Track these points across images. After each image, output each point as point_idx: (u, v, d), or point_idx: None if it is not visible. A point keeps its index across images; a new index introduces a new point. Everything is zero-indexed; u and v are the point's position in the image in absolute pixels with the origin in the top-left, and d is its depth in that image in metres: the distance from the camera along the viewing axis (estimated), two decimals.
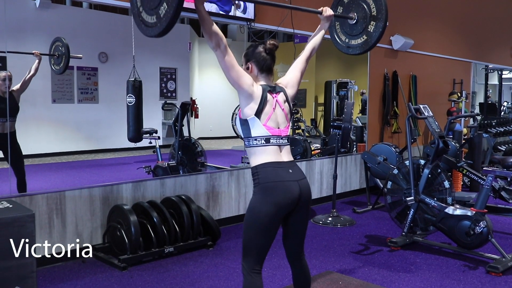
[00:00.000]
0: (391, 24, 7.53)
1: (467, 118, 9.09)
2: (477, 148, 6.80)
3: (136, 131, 5.59)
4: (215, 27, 2.34)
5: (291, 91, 2.65)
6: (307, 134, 8.83)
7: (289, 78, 2.70)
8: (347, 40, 3.45)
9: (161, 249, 4.16)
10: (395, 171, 4.94)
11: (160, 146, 6.48)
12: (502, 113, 13.93)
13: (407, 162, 4.77)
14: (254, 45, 2.60)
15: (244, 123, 2.47)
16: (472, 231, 4.12)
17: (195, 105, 9.41)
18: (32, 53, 4.96)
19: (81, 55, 8.04)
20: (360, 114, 8.88)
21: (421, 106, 4.79)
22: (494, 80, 14.43)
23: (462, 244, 4.26)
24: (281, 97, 2.55)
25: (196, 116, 9.53)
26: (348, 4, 3.38)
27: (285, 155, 2.51)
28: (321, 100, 10.40)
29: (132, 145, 6.17)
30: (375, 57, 7.24)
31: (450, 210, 4.29)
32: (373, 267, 4.09)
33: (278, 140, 2.48)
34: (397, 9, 7.64)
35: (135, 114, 5.53)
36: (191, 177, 5.03)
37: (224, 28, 11.72)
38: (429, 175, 4.58)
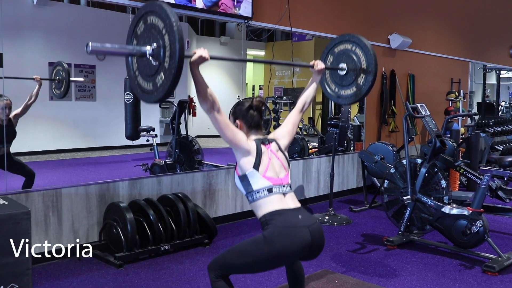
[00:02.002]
0: (389, 22, 7.57)
1: (464, 118, 9.09)
2: (474, 147, 6.81)
3: (133, 129, 5.58)
4: (210, 90, 2.35)
5: (283, 141, 2.67)
6: (304, 133, 8.83)
7: (281, 131, 2.74)
8: (337, 90, 3.48)
9: (157, 247, 4.15)
10: (392, 170, 4.95)
11: (157, 144, 6.47)
12: (500, 112, 13.94)
13: (404, 161, 4.77)
14: (241, 102, 2.64)
15: (244, 178, 2.47)
16: (468, 230, 4.12)
17: (192, 103, 9.39)
18: (33, 78, 4.93)
19: (82, 79, 8.05)
20: (359, 114, 8.87)
21: (419, 105, 4.79)
22: (492, 79, 14.44)
23: (458, 243, 4.27)
24: (273, 146, 2.58)
25: (194, 114, 9.52)
26: (339, 54, 3.42)
27: (291, 202, 2.48)
28: (319, 98, 10.38)
29: (130, 143, 6.15)
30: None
31: (446, 209, 4.30)
32: (369, 266, 4.09)
33: (280, 189, 2.47)
34: (395, 8, 7.65)
35: (133, 112, 5.51)
36: (188, 175, 5.02)
37: (222, 26, 11.72)
38: (426, 174, 4.58)
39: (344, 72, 3.37)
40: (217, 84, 10.87)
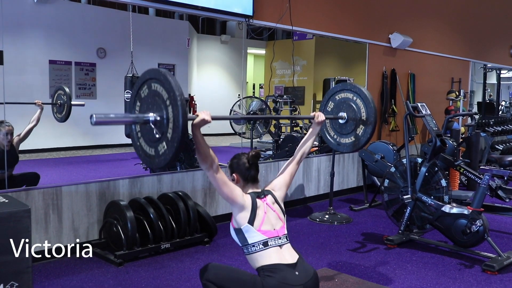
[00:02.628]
0: (389, 22, 7.56)
1: (464, 117, 9.09)
2: (474, 147, 6.81)
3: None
4: (210, 151, 2.39)
5: (279, 193, 2.71)
6: (305, 132, 8.82)
7: (278, 182, 2.78)
8: (336, 137, 3.53)
9: (157, 245, 4.16)
10: (392, 169, 4.95)
11: None
12: (500, 112, 13.94)
13: (404, 160, 4.77)
14: (237, 156, 2.67)
15: (239, 232, 2.51)
16: (468, 229, 4.12)
17: (193, 102, 9.39)
18: (34, 103, 4.92)
19: (83, 103, 8.07)
20: None
21: (419, 104, 4.79)
22: (492, 79, 14.44)
23: (458, 242, 4.27)
24: (269, 199, 2.62)
25: (194, 113, 9.51)
26: (340, 102, 3.46)
27: (288, 255, 2.51)
28: (319, 97, 10.38)
29: (130, 141, 6.13)
30: (374, 55, 7.24)
31: (446, 208, 4.30)
32: (369, 265, 4.09)
33: (276, 241, 2.50)
34: (396, 7, 7.65)
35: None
36: (188, 173, 5.02)
37: (223, 24, 11.71)
38: (426, 174, 4.59)
39: (344, 121, 3.43)
40: (217, 83, 10.89)
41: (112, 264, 3.92)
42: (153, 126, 2.33)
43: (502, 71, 12.62)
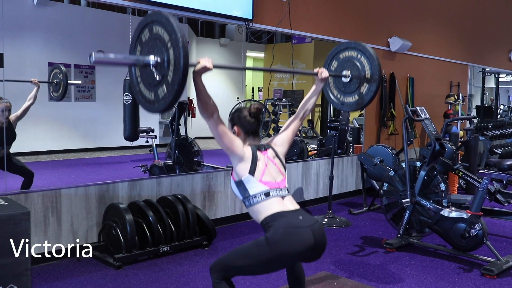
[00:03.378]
0: (389, 26, 7.58)
1: (463, 121, 9.10)
2: (473, 150, 6.81)
3: (132, 130, 5.57)
4: (211, 99, 2.36)
5: (281, 148, 2.67)
6: (304, 135, 8.84)
7: (280, 137, 2.74)
8: (339, 96, 3.47)
9: (156, 248, 4.15)
10: (391, 173, 4.95)
11: (157, 145, 6.48)
12: (499, 116, 13.97)
13: (403, 164, 4.77)
14: (239, 109, 2.64)
15: (240, 184, 2.48)
16: (467, 233, 4.13)
17: (192, 105, 9.40)
18: (30, 81, 4.94)
19: (79, 81, 8.06)
20: (358, 117, 8.89)
21: (418, 108, 4.80)
22: (491, 83, 14.47)
23: (457, 246, 4.27)
24: (270, 153, 2.58)
25: (193, 116, 9.53)
26: (344, 60, 3.41)
27: (290, 204, 2.47)
28: (318, 101, 10.40)
29: (129, 144, 6.15)
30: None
31: (445, 212, 4.30)
32: (368, 269, 4.09)
33: (278, 192, 2.46)
34: (395, 11, 7.67)
35: (132, 113, 5.51)
36: (188, 176, 5.02)
37: (222, 27, 11.73)
38: (425, 177, 4.59)
39: (347, 80, 3.35)
40: (216, 86, 10.89)
41: (111, 267, 3.91)
42: (153, 69, 2.28)
43: (500, 75, 12.66)
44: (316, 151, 7.70)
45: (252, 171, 2.45)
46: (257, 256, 2.34)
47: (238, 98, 8.94)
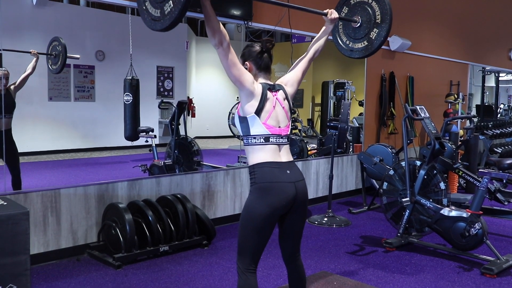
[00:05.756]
0: None
1: (463, 120, 9.10)
2: (473, 150, 6.81)
3: (132, 129, 5.59)
4: (220, 25, 2.31)
5: (290, 89, 2.64)
6: (303, 134, 8.83)
7: (290, 77, 2.70)
8: (348, 43, 3.42)
9: (156, 248, 4.15)
10: (391, 172, 4.95)
11: (157, 145, 6.47)
12: (499, 115, 13.96)
13: (403, 163, 4.77)
14: (250, 44, 2.58)
15: (243, 120, 2.44)
16: (467, 232, 4.13)
17: (191, 104, 9.40)
18: (29, 52, 4.94)
19: (78, 56, 8.03)
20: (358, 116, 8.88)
21: (418, 107, 4.80)
22: (491, 82, 14.46)
23: (457, 245, 4.27)
24: (280, 95, 2.54)
25: (193, 115, 9.53)
26: (354, 5, 3.35)
27: (284, 155, 2.48)
28: (318, 100, 10.39)
29: (129, 143, 6.16)
30: (373, 58, 7.19)
31: (445, 211, 4.30)
32: (368, 268, 4.09)
33: (277, 139, 2.45)
34: (395, 10, 7.61)
35: (132, 113, 5.52)
36: (187, 176, 5.02)
37: None
38: (425, 176, 4.59)
39: (357, 25, 3.30)
40: (216, 85, 10.88)
41: (111, 267, 3.91)
42: None
43: (500, 74, 12.65)
44: (315, 150, 7.70)
45: (258, 111, 2.42)
46: (250, 217, 2.39)
47: (238, 97, 8.93)
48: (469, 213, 4.16)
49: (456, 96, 8.95)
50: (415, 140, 8.23)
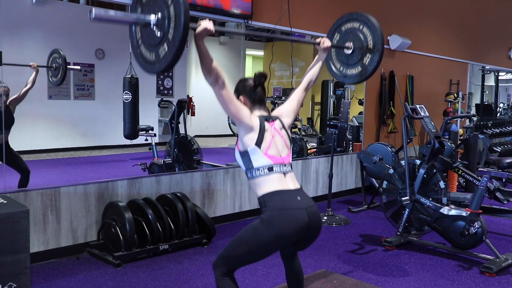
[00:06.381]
0: (388, 23, 7.57)
1: (463, 119, 9.11)
2: (472, 149, 6.82)
3: (132, 128, 5.58)
4: (215, 63, 2.30)
5: (287, 120, 2.64)
6: (303, 133, 8.83)
7: (285, 108, 2.71)
8: (342, 69, 3.44)
9: (155, 247, 4.15)
10: (391, 171, 4.95)
11: (156, 144, 6.47)
12: (498, 114, 13.97)
13: (402, 162, 4.77)
14: (243, 79, 2.61)
15: (245, 154, 2.44)
16: (466, 231, 4.13)
17: (191, 103, 9.39)
18: (29, 65, 4.93)
19: (79, 67, 8.02)
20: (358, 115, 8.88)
21: (418, 106, 4.80)
22: (490, 81, 14.47)
23: (456, 244, 4.28)
24: (277, 124, 2.55)
25: (193, 114, 9.52)
26: (346, 32, 3.38)
27: (291, 182, 2.46)
28: (317, 99, 10.39)
29: (128, 142, 6.16)
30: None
31: (445, 210, 4.30)
32: (367, 267, 4.09)
33: (281, 168, 2.44)
34: (394, 9, 7.66)
35: (132, 111, 5.51)
36: (187, 174, 5.02)
37: (221, 25, 11.71)
38: (425, 175, 4.59)
39: (350, 51, 3.32)
40: None
41: (111, 265, 3.91)
42: (154, 27, 2.24)
43: (500, 73, 12.65)
44: (315, 149, 7.70)
45: (258, 143, 2.41)
46: (255, 241, 2.34)
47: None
48: (469, 212, 4.16)
49: (455, 95, 8.95)
50: (414, 139, 8.23)
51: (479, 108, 12.37)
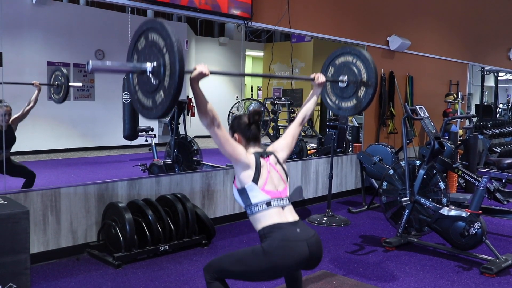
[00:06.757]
0: (388, 24, 7.58)
1: (463, 120, 9.11)
2: (472, 149, 6.82)
3: (132, 129, 5.56)
4: (210, 106, 2.34)
5: (282, 154, 2.68)
6: (303, 134, 8.83)
7: (280, 143, 2.75)
8: (337, 102, 3.51)
9: (155, 247, 4.15)
10: (391, 172, 4.95)
11: (156, 144, 6.48)
12: (498, 115, 13.97)
13: (402, 163, 4.78)
14: (238, 116, 2.64)
15: (243, 192, 2.48)
16: (466, 232, 4.13)
17: (191, 104, 9.39)
18: (32, 84, 4.93)
19: (80, 83, 8.04)
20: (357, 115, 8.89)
21: (417, 107, 4.80)
22: (490, 82, 14.48)
23: (456, 245, 4.28)
24: (272, 159, 2.58)
25: (193, 115, 9.52)
26: (340, 66, 3.44)
27: (289, 215, 2.48)
28: (317, 99, 10.41)
29: (128, 143, 6.16)
30: (372, 57, 7.23)
31: (445, 211, 4.30)
32: (367, 267, 4.09)
33: (279, 202, 2.47)
34: (394, 10, 7.66)
35: (131, 112, 5.49)
36: (187, 175, 5.02)
37: (221, 26, 11.72)
38: (425, 176, 4.59)
39: (344, 85, 3.39)
40: (216, 84, 10.89)
41: (111, 266, 3.91)
42: (150, 75, 2.30)
43: (499, 74, 12.66)
44: (315, 150, 7.70)
45: (255, 179, 2.45)
46: (252, 265, 2.36)
47: (237, 97, 8.94)
48: (469, 213, 4.17)
49: (455, 95, 8.96)
50: (414, 139, 8.24)
51: (479, 109, 12.37)
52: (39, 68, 7.64)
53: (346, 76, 3.38)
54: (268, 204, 2.44)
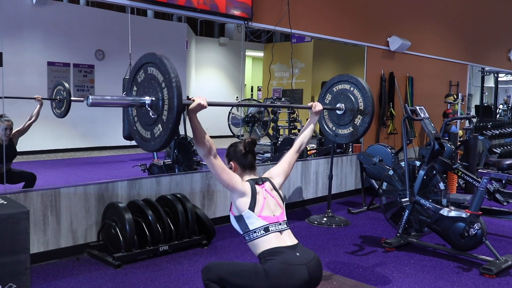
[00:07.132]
0: (388, 25, 7.58)
1: (463, 120, 9.11)
2: (472, 150, 6.82)
3: None
4: (207, 137, 2.39)
5: (277, 180, 2.73)
6: None
7: (276, 170, 2.80)
8: (334, 128, 3.58)
9: (155, 248, 4.15)
10: (391, 172, 4.95)
11: None
12: (498, 115, 13.97)
13: (402, 163, 4.78)
14: (234, 144, 2.69)
15: (240, 219, 2.52)
16: (466, 233, 4.13)
17: None
18: (34, 98, 4.92)
19: (82, 99, 8.01)
20: None
21: (417, 107, 4.80)
22: (490, 82, 14.47)
23: (456, 245, 4.28)
24: (268, 186, 2.63)
25: None
26: (337, 93, 3.52)
27: (288, 239, 2.51)
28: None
29: (128, 143, 6.14)
30: (372, 58, 7.25)
31: (444, 211, 4.30)
32: (367, 268, 4.09)
33: (277, 227, 2.50)
34: (394, 10, 7.67)
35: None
36: (187, 175, 5.02)
37: (221, 27, 11.72)
38: (424, 177, 4.59)
39: (341, 112, 3.47)
40: (216, 85, 10.89)
41: (110, 266, 3.91)
42: (149, 108, 2.33)
43: (499, 75, 12.66)
44: (315, 150, 7.69)
45: (252, 207, 2.49)
46: (251, 282, 2.39)
47: (237, 97, 8.94)
48: (468, 214, 4.17)
49: (455, 96, 8.96)
50: (414, 140, 8.24)
51: (479, 110, 12.37)
52: (39, 68, 7.64)
53: (343, 104, 3.45)
54: (266, 229, 2.47)
